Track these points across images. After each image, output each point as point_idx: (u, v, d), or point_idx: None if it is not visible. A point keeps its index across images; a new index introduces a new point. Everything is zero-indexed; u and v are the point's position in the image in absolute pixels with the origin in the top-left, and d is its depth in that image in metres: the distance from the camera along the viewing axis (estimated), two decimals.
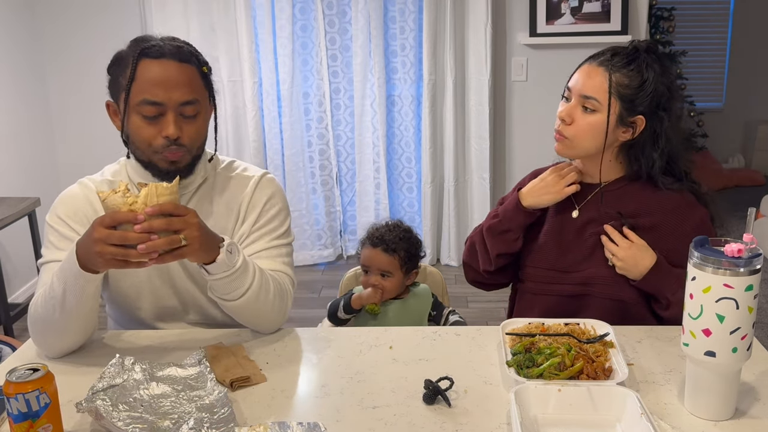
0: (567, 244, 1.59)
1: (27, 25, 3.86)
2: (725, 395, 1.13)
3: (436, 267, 2.39)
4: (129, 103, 1.37)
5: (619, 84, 1.47)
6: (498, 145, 4.04)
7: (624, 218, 1.52)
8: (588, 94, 1.48)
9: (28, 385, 1.02)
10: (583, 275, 1.56)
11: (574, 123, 1.51)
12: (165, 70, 1.37)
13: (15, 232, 3.41)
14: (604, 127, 1.48)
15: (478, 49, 3.81)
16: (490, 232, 1.65)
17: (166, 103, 1.37)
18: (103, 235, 1.18)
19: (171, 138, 1.37)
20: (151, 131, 1.38)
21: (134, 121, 1.38)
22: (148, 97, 1.36)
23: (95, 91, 3.98)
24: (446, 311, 1.95)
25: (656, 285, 1.48)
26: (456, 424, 1.13)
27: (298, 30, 3.92)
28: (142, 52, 1.37)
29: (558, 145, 1.56)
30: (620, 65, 1.48)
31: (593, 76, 1.49)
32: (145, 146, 1.40)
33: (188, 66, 1.40)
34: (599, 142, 1.50)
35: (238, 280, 1.34)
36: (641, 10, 3.76)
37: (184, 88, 1.38)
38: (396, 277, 1.91)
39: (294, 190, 4.06)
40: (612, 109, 1.47)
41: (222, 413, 1.11)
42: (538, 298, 1.63)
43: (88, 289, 1.29)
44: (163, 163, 1.41)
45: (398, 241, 1.93)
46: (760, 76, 6.06)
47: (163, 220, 1.19)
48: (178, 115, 1.38)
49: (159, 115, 1.37)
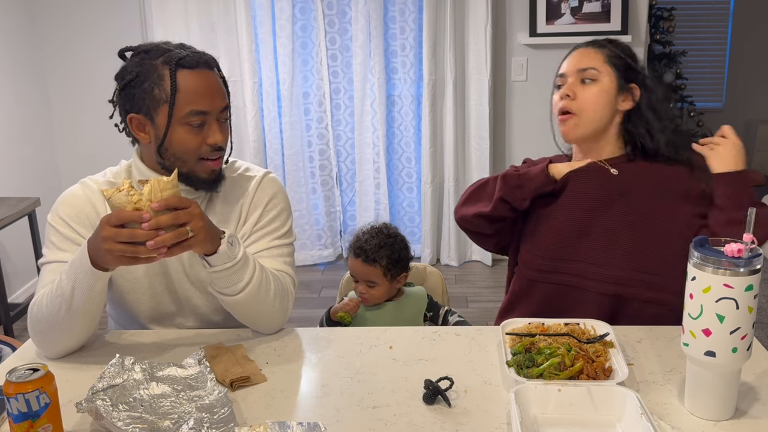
0: (567, 231, 1.59)
1: (27, 25, 3.86)
2: (725, 395, 1.13)
3: (436, 267, 2.39)
4: (174, 115, 1.38)
5: (611, 55, 1.56)
6: (498, 145, 4.04)
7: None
8: (584, 66, 1.56)
9: (28, 385, 1.02)
10: (579, 267, 1.56)
11: (578, 97, 1.55)
12: (205, 80, 1.40)
13: (15, 232, 3.41)
14: (608, 94, 1.54)
15: (478, 49, 3.82)
16: (504, 180, 1.60)
17: (211, 111, 1.40)
18: (111, 233, 1.19)
19: (217, 144, 1.41)
20: (198, 140, 1.41)
21: (180, 133, 1.39)
22: (196, 107, 1.38)
23: (96, 91, 3.99)
24: (443, 311, 1.92)
25: (739, 186, 1.47)
26: (456, 424, 1.13)
27: (298, 30, 3.93)
28: (178, 63, 1.37)
29: (564, 127, 1.58)
30: (604, 43, 1.60)
31: (585, 54, 1.58)
32: (190, 156, 1.41)
33: (216, 73, 1.44)
34: (606, 111, 1.55)
35: (238, 272, 1.34)
36: (641, 10, 3.76)
37: (221, 95, 1.43)
38: (381, 285, 1.89)
39: (294, 190, 4.06)
40: (610, 77, 1.55)
41: (222, 413, 1.11)
42: (536, 287, 1.62)
43: (96, 287, 1.30)
44: (204, 173, 1.44)
45: (378, 250, 1.88)
46: (760, 76, 6.06)
47: (170, 215, 1.20)
48: (219, 121, 1.42)
49: (203, 124, 1.40)
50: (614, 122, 1.58)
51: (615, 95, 1.56)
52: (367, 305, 1.91)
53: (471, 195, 1.69)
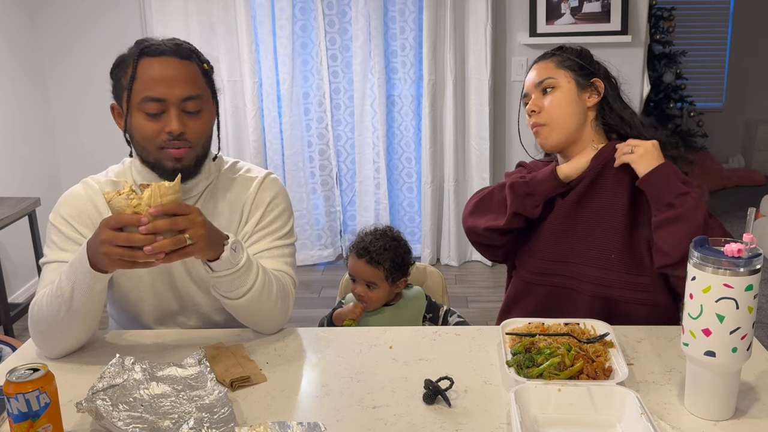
0: (561, 233, 1.59)
1: (27, 24, 3.86)
2: (725, 395, 1.13)
3: (436, 267, 2.39)
4: (131, 102, 1.38)
5: (562, 59, 1.61)
6: (498, 145, 4.04)
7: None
8: (540, 78, 1.60)
9: (28, 385, 1.03)
10: (574, 270, 1.56)
11: (543, 109, 1.58)
12: (165, 67, 1.38)
13: (15, 232, 3.41)
14: (569, 95, 1.57)
15: (478, 49, 3.82)
16: (512, 190, 1.59)
17: (168, 99, 1.37)
18: (109, 236, 1.19)
19: (174, 133, 1.37)
20: (154, 128, 1.38)
21: (137, 120, 1.39)
22: (150, 94, 1.36)
23: (95, 91, 3.99)
24: (443, 311, 1.90)
25: (664, 182, 1.45)
26: (456, 424, 1.13)
27: (298, 30, 3.93)
28: (143, 51, 1.38)
29: (539, 138, 1.61)
30: (554, 52, 1.64)
31: (539, 68, 1.62)
32: (149, 144, 1.40)
33: (189, 63, 1.41)
34: (573, 112, 1.57)
35: (241, 278, 1.34)
36: (641, 10, 3.76)
37: (186, 84, 1.39)
38: (382, 288, 1.87)
39: (294, 190, 4.06)
40: (567, 79, 1.58)
41: (222, 413, 1.11)
42: (533, 289, 1.63)
43: (95, 288, 1.29)
44: (168, 161, 1.41)
45: (383, 252, 1.86)
46: (760, 76, 6.06)
47: (168, 221, 1.19)
48: (181, 111, 1.39)
49: (161, 113, 1.38)
50: (588, 120, 1.59)
51: (577, 94, 1.58)
52: (366, 310, 1.89)
53: (477, 205, 1.67)
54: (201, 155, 1.46)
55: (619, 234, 1.54)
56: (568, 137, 1.58)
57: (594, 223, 1.56)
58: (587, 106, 1.59)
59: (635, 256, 1.54)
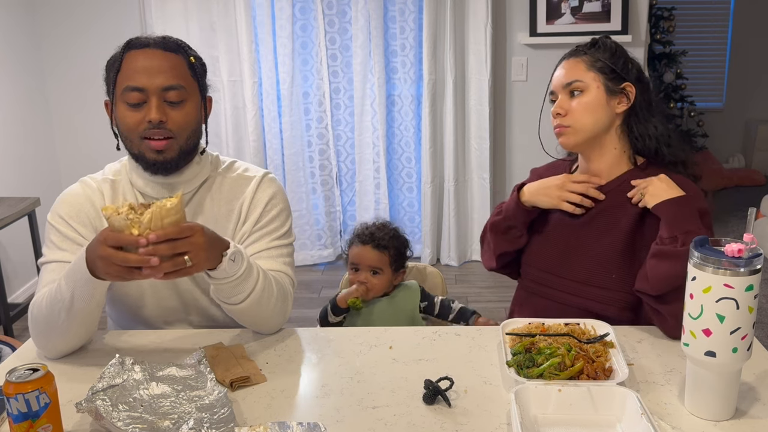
0: (564, 247, 1.59)
1: (27, 24, 3.86)
2: (725, 395, 1.13)
3: (436, 267, 2.38)
4: (115, 93, 1.40)
5: (594, 60, 1.54)
6: (498, 145, 4.04)
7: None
8: (569, 80, 1.54)
9: (28, 385, 1.02)
10: (573, 286, 1.56)
11: (569, 112, 1.54)
12: (148, 58, 1.40)
13: (15, 232, 3.41)
14: (597, 101, 1.53)
15: (478, 49, 3.82)
16: (493, 230, 1.66)
17: (149, 88, 1.38)
18: (107, 254, 1.18)
19: (154, 121, 1.38)
20: (136, 118, 1.39)
21: (120, 110, 1.40)
22: (130, 83, 1.38)
23: (95, 91, 3.97)
24: (438, 299, 1.95)
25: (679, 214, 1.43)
26: (456, 424, 1.13)
27: (298, 30, 3.92)
28: (129, 45, 1.41)
29: (562, 138, 1.57)
30: (587, 48, 1.58)
31: (568, 67, 1.57)
32: (132, 134, 1.41)
33: (173, 54, 1.42)
34: (600, 118, 1.53)
35: (240, 285, 1.34)
36: (641, 10, 3.76)
37: (167, 74, 1.39)
38: (385, 274, 1.93)
39: (294, 190, 4.06)
40: (597, 84, 1.53)
41: (222, 413, 1.11)
42: (532, 298, 1.64)
43: (96, 295, 1.30)
44: (150, 153, 1.41)
45: (388, 239, 1.95)
46: (760, 76, 6.06)
47: (168, 246, 1.18)
48: (162, 101, 1.39)
49: (143, 102, 1.39)
50: (614, 126, 1.55)
51: (606, 100, 1.53)
52: (366, 299, 1.92)
53: (482, 246, 1.76)
54: (185, 148, 1.44)
55: (623, 254, 1.51)
56: (590, 140, 1.56)
57: (598, 241, 1.55)
58: (615, 113, 1.54)
59: (628, 276, 1.50)
